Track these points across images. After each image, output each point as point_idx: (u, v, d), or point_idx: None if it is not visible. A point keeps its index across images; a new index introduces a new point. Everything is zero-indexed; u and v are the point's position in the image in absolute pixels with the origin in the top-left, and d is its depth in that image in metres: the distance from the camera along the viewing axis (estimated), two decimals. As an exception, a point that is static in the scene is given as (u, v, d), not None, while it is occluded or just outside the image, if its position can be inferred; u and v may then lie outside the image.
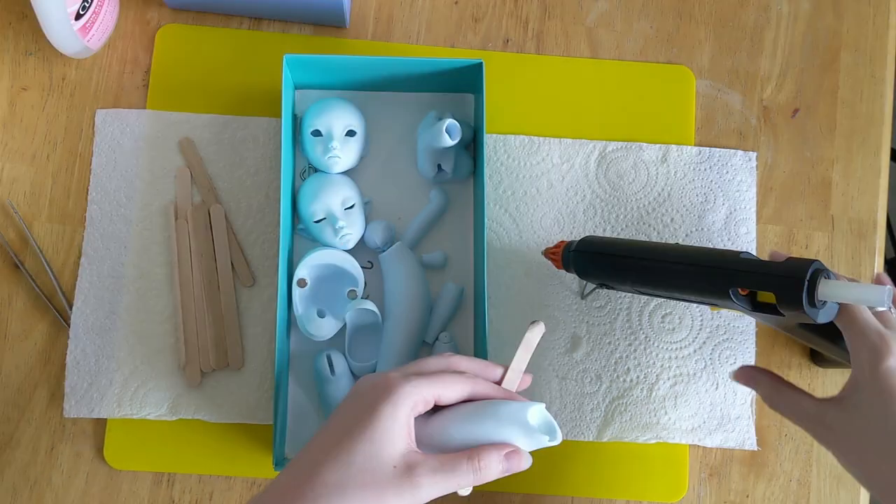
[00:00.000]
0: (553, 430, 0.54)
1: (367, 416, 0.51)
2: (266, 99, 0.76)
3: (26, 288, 0.74)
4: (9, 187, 0.75)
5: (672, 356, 0.75)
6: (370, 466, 0.50)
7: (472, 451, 0.52)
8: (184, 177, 0.75)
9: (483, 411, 0.54)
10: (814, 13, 0.80)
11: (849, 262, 0.77)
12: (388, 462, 0.50)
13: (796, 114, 0.79)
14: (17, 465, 0.72)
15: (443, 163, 0.73)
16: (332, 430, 0.53)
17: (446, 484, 0.51)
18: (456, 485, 0.52)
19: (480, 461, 0.52)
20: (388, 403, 0.51)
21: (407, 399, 0.52)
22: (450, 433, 0.54)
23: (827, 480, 0.75)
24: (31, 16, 0.70)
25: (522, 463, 0.54)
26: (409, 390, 0.52)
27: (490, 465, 0.52)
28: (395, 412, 0.51)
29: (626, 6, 0.80)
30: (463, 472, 0.52)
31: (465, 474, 0.52)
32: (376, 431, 0.51)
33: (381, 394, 0.52)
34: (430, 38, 0.79)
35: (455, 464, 0.52)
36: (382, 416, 0.51)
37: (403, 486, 0.50)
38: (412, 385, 0.52)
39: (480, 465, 0.52)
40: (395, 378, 0.53)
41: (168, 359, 0.73)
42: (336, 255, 0.71)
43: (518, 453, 0.53)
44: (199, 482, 0.72)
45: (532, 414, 0.54)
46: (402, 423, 0.52)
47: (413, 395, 0.52)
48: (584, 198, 0.76)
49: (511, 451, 0.53)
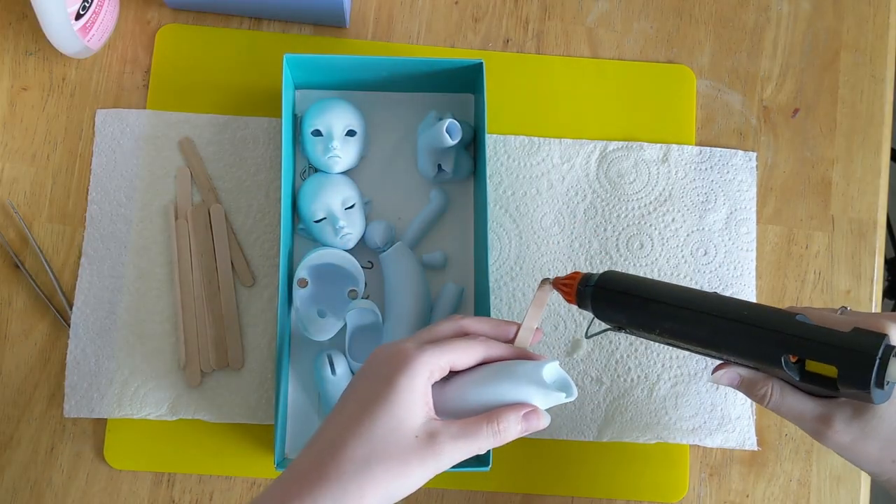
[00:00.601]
0: (569, 386, 0.54)
1: (385, 389, 0.52)
2: (266, 99, 0.76)
3: (26, 288, 0.74)
4: (9, 187, 0.75)
5: (672, 356, 0.75)
6: (392, 439, 0.51)
7: (491, 413, 0.53)
8: (184, 177, 0.75)
9: (498, 373, 0.55)
10: (814, 13, 0.80)
11: (849, 262, 0.77)
12: (410, 433, 0.51)
13: (796, 114, 0.79)
14: (17, 465, 0.72)
15: (443, 163, 0.73)
16: (350, 406, 0.53)
17: (468, 448, 0.52)
18: (477, 448, 0.52)
19: (500, 423, 0.53)
20: (404, 375, 0.52)
21: (423, 368, 0.52)
22: (467, 398, 0.55)
23: (827, 480, 0.75)
24: (31, 16, 0.70)
25: (541, 422, 0.54)
26: (425, 359, 0.53)
27: (509, 427, 0.53)
28: (413, 383, 0.52)
29: (626, 6, 0.80)
30: (483, 435, 0.52)
31: (486, 437, 0.52)
32: (395, 404, 0.51)
33: (397, 365, 0.53)
34: (430, 38, 0.79)
35: (475, 428, 0.52)
36: (400, 387, 0.52)
37: (426, 455, 0.51)
38: (427, 354, 0.53)
39: (500, 427, 0.53)
40: (409, 348, 0.53)
41: (168, 359, 0.73)
42: (336, 255, 0.71)
43: (536, 412, 0.54)
44: (199, 482, 0.72)
45: (547, 372, 0.54)
46: (420, 393, 0.52)
47: (429, 364, 0.53)
48: (584, 198, 0.76)
49: (529, 410, 0.54)
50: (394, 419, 0.51)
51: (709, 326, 0.54)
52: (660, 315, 0.56)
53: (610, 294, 0.58)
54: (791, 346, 0.51)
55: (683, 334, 0.55)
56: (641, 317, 0.57)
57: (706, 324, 0.54)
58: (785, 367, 0.51)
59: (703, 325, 0.54)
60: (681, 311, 0.55)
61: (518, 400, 0.54)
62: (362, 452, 0.50)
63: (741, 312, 0.53)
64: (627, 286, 0.57)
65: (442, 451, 0.51)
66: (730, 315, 0.53)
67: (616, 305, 0.58)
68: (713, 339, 0.54)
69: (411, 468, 0.50)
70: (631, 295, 0.57)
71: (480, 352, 0.56)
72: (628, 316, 0.58)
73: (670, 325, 0.55)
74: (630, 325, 0.58)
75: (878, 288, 0.77)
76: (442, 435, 0.51)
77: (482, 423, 0.52)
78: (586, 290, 0.58)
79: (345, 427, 0.52)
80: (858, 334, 0.50)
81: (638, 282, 0.58)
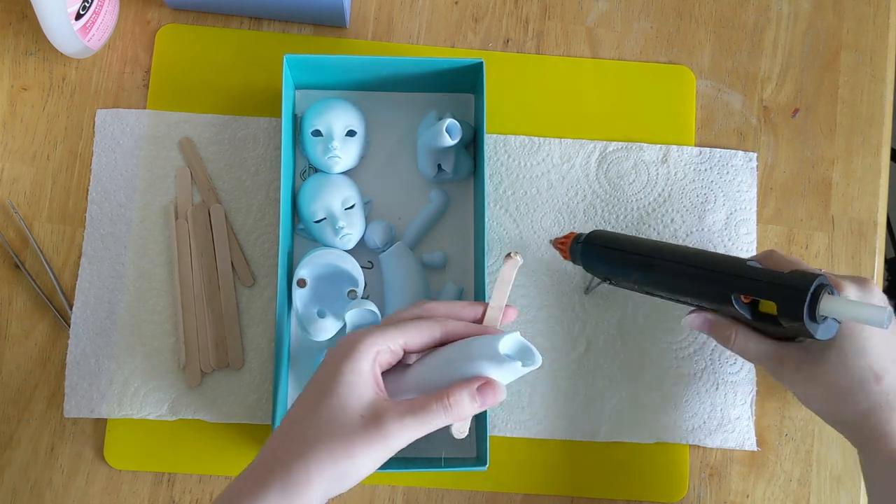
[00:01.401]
0: (531, 354, 0.52)
1: (331, 372, 0.52)
2: (266, 99, 0.76)
3: (26, 288, 0.74)
4: (9, 187, 0.75)
5: (672, 356, 0.75)
6: (337, 420, 0.51)
7: (442, 391, 0.52)
8: (184, 177, 0.75)
9: (454, 351, 0.54)
10: (814, 13, 0.80)
11: (849, 262, 0.77)
12: (355, 413, 0.51)
13: (796, 114, 0.79)
14: (17, 465, 0.72)
15: (443, 163, 0.73)
16: (304, 394, 0.54)
17: (418, 427, 0.51)
18: (428, 426, 0.51)
19: (450, 398, 0.51)
20: (349, 358, 0.52)
21: (368, 350, 0.52)
22: (423, 379, 0.54)
23: (827, 480, 0.75)
24: (32, 16, 0.70)
25: (497, 395, 0.52)
26: (371, 341, 0.53)
27: (461, 401, 0.52)
28: (357, 365, 0.52)
29: (626, 6, 0.80)
30: (433, 412, 0.51)
31: (437, 414, 0.51)
32: (340, 385, 0.52)
33: (344, 351, 0.53)
34: (430, 38, 0.79)
35: (423, 405, 0.51)
36: (345, 370, 0.52)
37: (371, 433, 0.50)
38: (374, 336, 0.53)
39: (450, 401, 0.51)
40: (358, 333, 0.54)
41: (168, 359, 0.73)
42: (336, 255, 0.71)
43: (490, 385, 0.52)
44: (199, 482, 0.72)
45: (505, 343, 0.52)
46: (365, 374, 0.52)
47: (374, 345, 0.53)
48: (584, 198, 0.76)
49: (482, 384, 0.52)
50: (339, 399, 0.51)
51: (673, 272, 0.61)
52: (633, 264, 0.63)
53: (595, 248, 0.66)
54: (739, 286, 0.57)
55: (654, 281, 0.63)
56: (619, 267, 0.65)
57: (670, 271, 0.61)
58: (737, 307, 0.57)
59: (669, 273, 0.61)
60: (651, 261, 0.62)
61: (474, 375, 0.52)
62: (309, 434, 0.51)
63: (699, 259, 0.60)
64: (610, 241, 0.66)
65: (388, 430, 0.50)
66: (690, 262, 0.60)
67: (600, 258, 0.66)
68: (676, 284, 0.61)
69: (356, 447, 0.50)
70: (611, 249, 0.65)
71: (436, 331, 0.55)
72: (609, 267, 0.66)
73: (642, 273, 0.63)
74: (611, 275, 0.66)
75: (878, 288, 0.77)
76: (388, 413, 0.51)
77: (431, 400, 0.51)
78: (577, 247, 0.67)
79: (297, 414, 0.53)
80: (796, 274, 0.55)
81: (618, 238, 0.66)
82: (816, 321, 0.54)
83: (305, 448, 0.50)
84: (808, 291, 0.53)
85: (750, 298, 0.58)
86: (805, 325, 0.54)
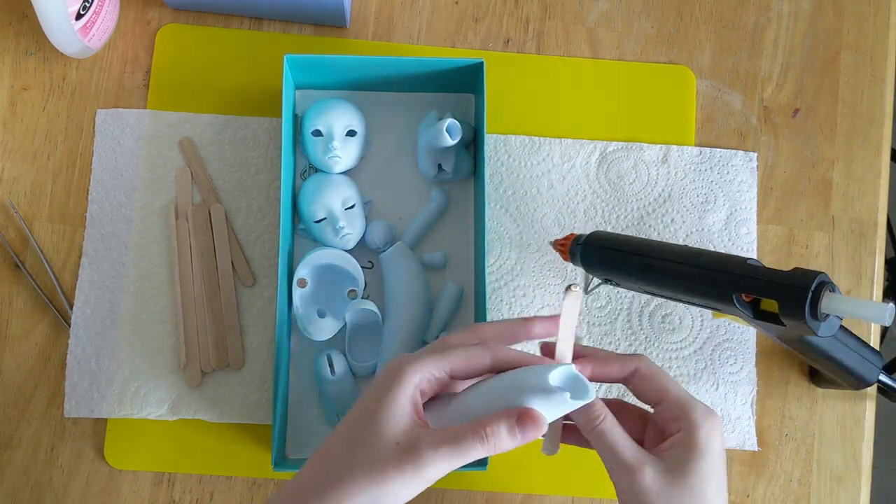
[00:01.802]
0: (581, 387, 0.49)
1: (374, 399, 0.52)
2: (266, 99, 0.76)
3: (26, 288, 0.74)
4: (9, 187, 0.75)
5: (672, 356, 0.75)
6: (374, 445, 0.50)
7: (480, 420, 0.50)
8: (184, 177, 0.75)
9: (502, 380, 0.52)
10: (814, 13, 0.80)
11: (849, 262, 0.77)
12: (391, 439, 0.50)
13: (797, 114, 0.79)
14: (17, 465, 0.72)
15: (443, 162, 0.73)
16: (348, 416, 0.53)
17: (453, 457, 0.49)
18: (464, 457, 0.50)
19: (487, 429, 0.49)
20: (391, 386, 0.51)
21: (410, 378, 0.51)
22: (468, 408, 0.52)
23: (827, 480, 0.75)
24: (32, 16, 0.70)
25: (538, 428, 0.50)
26: (413, 369, 0.52)
27: (499, 433, 0.49)
28: (399, 391, 0.51)
29: (626, 6, 0.80)
30: (469, 442, 0.49)
31: (472, 445, 0.49)
32: (379, 411, 0.51)
33: (388, 376, 0.52)
34: (431, 38, 0.79)
35: (459, 435, 0.49)
36: (387, 396, 0.51)
37: (404, 461, 0.49)
38: (418, 363, 0.52)
39: (487, 432, 0.49)
40: (404, 359, 0.53)
41: (168, 359, 0.73)
42: (336, 255, 0.71)
43: (530, 416, 0.49)
44: (199, 482, 0.72)
45: (556, 375, 0.50)
46: (404, 402, 0.51)
47: (417, 372, 0.52)
48: (584, 198, 0.76)
49: (521, 414, 0.49)
50: (376, 427, 0.50)
51: (674, 272, 0.61)
52: (634, 265, 0.63)
53: (594, 250, 0.66)
54: (740, 285, 0.57)
55: (655, 281, 0.62)
56: (620, 268, 0.65)
57: (671, 271, 0.61)
58: (738, 306, 0.57)
59: (669, 272, 0.61)
60: (651, 260, 0.62)
61: (518, 406, 0.50)
62: (346, 460, 0.50)
63: (700, 259, 0.60)
64: (610, 242, 0.66)
65: (422, 458, 0.49)
66: (691, 262, 0.60)
67: (600, 259, 0.66)
68: (677, 285, 0.61)
69: (388, 475, 0.49)
70: (612, 249, 0.65)
71: (485, 358, 0.53)
72: (610, 267, 0.65)
73: (643, 274, 0.63)
74: (611, 275, 0.66)
75: (878, 288, 0.77)
76: (422, 442, 0.49)
77: (467, 430, 0.49)
78: (577, 248, 0.67)
79: (337, 438, 0.52)
80: (798, 273, 0.55)
81: (618, 238, 0.66)
82: (818, 319, 0.54)
83: (341, 475, 0.50)
84: (809, 289, 0.53)
85: (751, 297, 0.58)
86: (807, 323, 0.54)
